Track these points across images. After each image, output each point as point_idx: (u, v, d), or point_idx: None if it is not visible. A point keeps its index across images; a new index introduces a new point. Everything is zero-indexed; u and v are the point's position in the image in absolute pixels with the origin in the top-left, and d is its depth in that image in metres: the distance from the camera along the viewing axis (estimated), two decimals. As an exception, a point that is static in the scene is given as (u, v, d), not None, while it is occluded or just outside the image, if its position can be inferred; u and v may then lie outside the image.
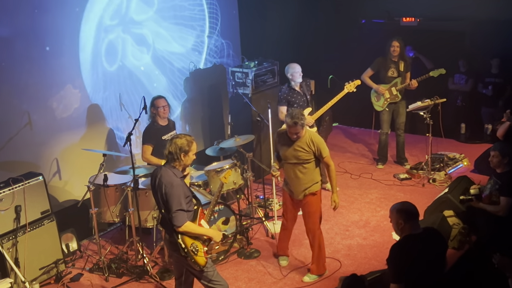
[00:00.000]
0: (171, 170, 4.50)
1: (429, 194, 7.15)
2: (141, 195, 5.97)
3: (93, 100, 6.91)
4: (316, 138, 5.43)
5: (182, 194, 4.43)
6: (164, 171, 4.52)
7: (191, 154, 4.53)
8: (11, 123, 6.12)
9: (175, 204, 4.40)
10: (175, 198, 4.40)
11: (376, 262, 5.90)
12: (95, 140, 6.95)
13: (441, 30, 8.93)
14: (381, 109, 8.00)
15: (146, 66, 7.51)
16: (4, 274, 5.45)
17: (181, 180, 4.50)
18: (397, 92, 7.88)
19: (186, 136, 4.55)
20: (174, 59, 7.89)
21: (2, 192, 5.45)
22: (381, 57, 7.92)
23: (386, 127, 8.12)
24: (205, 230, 4.61)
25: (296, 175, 5.46)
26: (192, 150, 4.52)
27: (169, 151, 4.50)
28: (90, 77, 6.83)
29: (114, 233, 6.86)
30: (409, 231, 4.12)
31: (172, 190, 4.41)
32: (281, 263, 5.97)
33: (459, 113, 9.13)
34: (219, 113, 8.68)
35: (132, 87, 7.35)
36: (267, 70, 8.15)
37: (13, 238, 5.54)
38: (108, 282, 5.83)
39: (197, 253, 4.50)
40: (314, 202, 5.54)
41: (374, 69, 7.93)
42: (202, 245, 4.57)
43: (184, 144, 4.47)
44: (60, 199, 6.66)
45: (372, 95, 8.01)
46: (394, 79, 7.87)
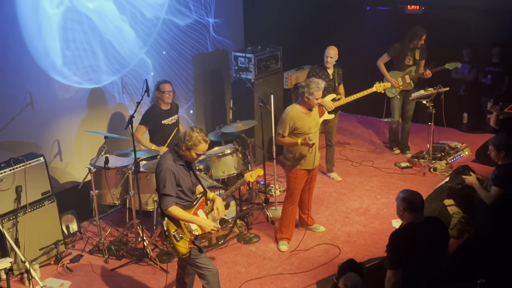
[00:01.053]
0: (172, 154, 4.51)
1: (430, 183, 7.15)
2: (142, 178, 5.97)
3: (95, 83, 6.88)
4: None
5: (169, 179, 4.42)
6: (166, 153, 4.55)
7: (193, 153, 4.47)
8: (13, 103, 6.11)
9: (160, 187, 4.46)
10: (161, 181, 4.44)
11: (375, 249, 5.92)
12: (96, 122, 6.93)
13: (446, 18, 8.88)
14: (393, 96, 7.98)
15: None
16: (4, 253, 5.48)
17: (177, 166, 4.47)
18: (410, 81, 7.86)
19: (201, 134, 4.46)
20: (176, 43, 7.84)
21: (3, 172, 5.45)
22: (399, 44, 7.86)
23: (398, 115, 8.10)
24: (191, 217, 4.55)
25: (316, 143, 5.70)
26: (196, 150, 4.46)
27: (180, 136, 4.50)
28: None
29: (115, 215, 6.87)
30: (411, 219, 4.11)
31: (160, 173, 4.44)
32: (282, 248, 5.99)
33: (461, 102, 9.10)
34: (221, 98, 8.66)
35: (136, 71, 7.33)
36: (270, 55, 8.11)
37: (13, 218, 5.56)
38: (107, 264, 5.86)
39: (179, 240, 4.48)
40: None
41: (391, 55, 7.88)
42: (189, 234, 4.54)
43: (193, 139, 4.42)
44: (61, 180, 6.66)
45: (385, 80, 7.99)
46: (409, 67, 7.85)
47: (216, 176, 6.32)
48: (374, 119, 9.73)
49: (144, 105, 6.57)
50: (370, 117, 9.87)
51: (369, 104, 9.33)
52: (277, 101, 7.85)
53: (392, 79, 7.84)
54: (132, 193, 5.95)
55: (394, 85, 7.84)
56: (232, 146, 6.52)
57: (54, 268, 5.81)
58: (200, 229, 4.60)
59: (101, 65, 6.90)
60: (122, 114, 7.21)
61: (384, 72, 7.87)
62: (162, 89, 6.38)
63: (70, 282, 5.57)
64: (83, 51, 6.67)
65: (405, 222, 4.15)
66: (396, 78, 7.85)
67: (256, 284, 5.46)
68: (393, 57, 7.89)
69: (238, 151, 6.44)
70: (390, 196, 7.01)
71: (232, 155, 6.35)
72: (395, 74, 7.89)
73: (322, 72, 7.11)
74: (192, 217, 4.57)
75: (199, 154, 4.50)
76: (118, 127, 7.11)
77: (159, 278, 5.59)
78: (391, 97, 8.02)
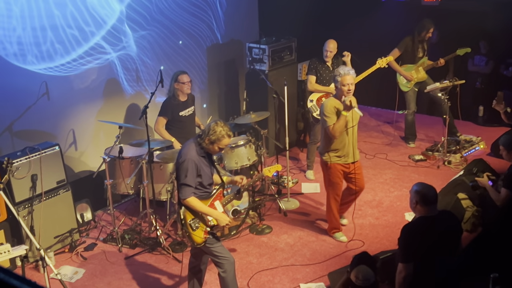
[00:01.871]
0: (195, 144, 4.52)
1: (444, 176, 7.11)
2: (155, 168, 6.01)
3: (110, 73, 6.92)
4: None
5: (191, 170, 4.44)
6: (189, 143, 4.57)
7: (216, 146, 4.48)
8: (29, 92, 6.16)
9: (181, 177, 4.48)
10: (182, 171, 4.46)
11: (388, 242, 5.90)
12: (111, 112, 6.97)
13: (463, 10, 8.77)
14: (408, 89, 7.94)
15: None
16: (19, 241, 5.56)
17: (200, 158, 4.49)
18: (424, 72, 7.86)
19: (225, 128, 4.46)
20: (190, 33, 7.85)
21: (19, 160, 5.52)
22: (409, 37, 7.84)
23: (413, 106, 8.07)
24: (208, 210, 4.57)
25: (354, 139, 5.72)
26: (219, 144, 4.47)
27: (205, 128, 4.53)
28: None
29: (128, 204, 6.93)
30: (423, 213, 4.09)
31: (182, 163, 4.46)
32: (341, 239, 6.02)
33: (477, 95, 9.01)
34: (235, 88, 8.66)
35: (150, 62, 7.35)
36: (284, 47, 8.08)
37: (29, 206, 5.63)
38: (121, 253, 5.91)
39: (195, 230, 4.51)
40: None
41: (401, 49, 7.86)
42: (204, 225, 4.56)
43: (216, 134, 4.43)
44: (76, 169, 6.73)
45: (399, 76, 7.94)
46: (421, 59, 7.84)
47: (229, 167, 6.33)
48: (388, 111, 9.66)
49: (158, 96, 6.58)
50: (385, 109, 9.81)
51: (383, 96, 9.28)
52: (291, 92, 7.83)
53: (407, 73, 7.80)
54: (145, 182, 5.99)
55: (410, 79, 7.81)
56: (245, 137, 6.53)
57: (69, 256, 5.89)
58: (215, 221, 4.63)
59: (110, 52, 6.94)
60: (136, 105, 7.24)
61: (396, 68, 7.84)
62: (181, 80, 6.35)
63: (84, 270, 5.64)
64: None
65: (418, 215, 4.13)
66: (410, 72, 7.81)
67: (268, 275, 5.48)
68: (404, 51, 7.86)
69: (251, 142, 6.44)
70: (404, 189, 6.98)
71: (245, 146, 6.36)
72: (409, 68, 7.86)
73: (322, 65, 7.12)
74: (209, 210, 4.58)
75: (221, 148, 4.53)
76: (133, 117, 7.15)
77: (172, 267, 5.64)
78: (406, 91, 7.98)
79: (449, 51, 7.88)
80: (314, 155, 7.48)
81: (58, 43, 6.29)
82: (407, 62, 7.89)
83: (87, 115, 6.76)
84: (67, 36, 6.37)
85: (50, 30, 6.19)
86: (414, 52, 7.83)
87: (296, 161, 8.01)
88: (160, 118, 6.42)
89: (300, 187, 7.24)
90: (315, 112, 7.12)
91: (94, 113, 6.82)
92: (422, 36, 7.75)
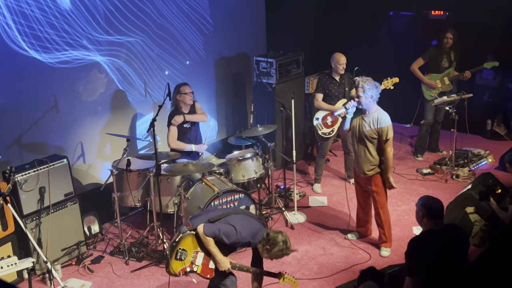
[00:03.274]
0: (256, 238, 4.46)
1: (452, 190, 7.07)
2: (163, 180, 6.02)
3: (118, 86, 6.97)
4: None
5: (230, 233, 4.40)
6: (255, 227, 4.50)
7: (266, 254, 4.48)
8: (38, 106, 6.21)
9: (220, 223, 4.44)
10: (228, 229, 4.40)
11: (395, 256, 5.87)
12: (119, 125, 7.01)
13: (470, 23, 8.78)
14: (431, 98, 7.92)
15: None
16: (27, 253, 5.57)
17: (250, 239, 4.45)
18: (449, 82, 7.86)
19: (287, 247, 4.45)
20: (198, 47, 7.90)
21: (27, 173, 5.55)
22: (433, 47, 7.90)
23: (431, 117, 8.08)
24: (217, 251, 4.51)
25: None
26: (271, 256, 4.48)
27: (269, 236, 4.44)
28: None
29: (135, 217, 6.94)
30: (430, 226, 4.07)
31: (234, 230, 4.40)
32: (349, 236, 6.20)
33: (485, 109, 8.97)
34: (242, 102, 8.69)
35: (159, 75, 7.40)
36: (291, 60, 8.11)
37: (36, 218, 5.65)
38: (128, 266, 5.91)
39: (177, 260, 4.48)
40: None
41: (425, 59, 7.90)
42: (187, 263, 4.52)
43: (276, 249, 4.41)
44: (84, 182, 6.75)
45: (422, 84, 7.95)
46: (446, 69, 7.85)
47: (236, 180, 6.33)
48: (396, 124, 9.62)
49: (166, 108, 6.62)
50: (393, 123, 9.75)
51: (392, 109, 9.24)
52: (298, 105, 7.85)
53: (431, 80, 7.82)
54: (153, 195, 6.00)
55: (433, 86, 7.81)
56: (252, 150, 6.54)
57: (76, 268, 5.89)
58: (202, 270, 4.57)
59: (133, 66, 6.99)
60: (144, 117, 7.28)
61: (419, 76, 7.86)
62: (183, 91, 6.46)
63: (91, 283, 5.64)
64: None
65: (424, 229, 4.11)
66: (435, 81, 7.82)
67: (274, 289, 5.45)
68: (428, 60, 7.88)
69: (258, 155, 6.45)
70: (411, 202, 6.94)
71: (252, 159, 6.37)
72: (433, 77, 7.87)
73: (330, 81, 7.13)
74: (217, 251, 4.52)
75: (270, 259, 4.53)
76: (140, 130, 7.19)
77: (178, 281, 5.62)
78: (429, 100, 7.95)
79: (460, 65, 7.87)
80: (322, 168, 7.48)
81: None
82: (432, 71, 7.91)
83: (95, 128, 6.80)
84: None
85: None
86: (438, 62, 7.84)
87: (303, 174, 8.00)
88: (171, 131, 6.46)
89: (307, 200, 7.23)
90: (320, 130, 7.14)
91: (102, 126, 6.86)
92: (442, 44, 7.77)
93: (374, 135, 5.66)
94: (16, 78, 5.96)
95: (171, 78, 7.47)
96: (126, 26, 6.87)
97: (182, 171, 5.93)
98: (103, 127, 6.87)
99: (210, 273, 4.59)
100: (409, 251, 4.02)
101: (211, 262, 4.59)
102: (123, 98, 7.06)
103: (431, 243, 4.00)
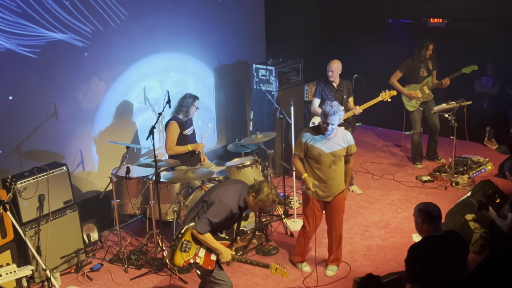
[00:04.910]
0: (241, 195, 4.51)
1: (452, 197, 7.07)
2: (162, 188, 6.02)
3: (117, 93, 6.98)
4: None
5: (222, 214, 4.43)
6: (237, 188, 4.56)
7: (257, 206, 4.52)
8: (38, 113, 6.22)
9: (210, 213, 4.45)
10: (215, 210, 4.44)
11: (395, 264, 5.86)
12: (118, 132, 7.02)
13: (469, 31, 8.81)
14: (414, 109, 7.96)
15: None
16: (26, 261, 5.56)
17: (237, 207, 4.49)
18: (429, 91, 7.89)
19: (274, 193, 4.49)
20: (198, 54, 7.92)
21: (27, 181, 5.55)
22: (410, 58, 7.92)
23: (419, 126, 8.10)
24: (218, 245, 4.56)
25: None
26: (261, 205, 4.52)
27: (255, 184, 4.54)
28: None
29: (135, 225, 6.93)
30: (429, 232, 4.08)
31: (220, 203, 4.44)
32: (305, 269, 5.86)
33: (485, 116, 8.99)
34: (242, 109, 8.70)
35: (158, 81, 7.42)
36: (291, 68, 8.13)
37: (36, 226, 5.64)
38: (127, 273, 5.90)
39: (182, 251, 4.49)
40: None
41: (403, 71, 7.93)
42: (191, 255, 4.54)
43: (264, 194, 4.45)
44: (83, 189, 6.75)
45: (403, 95, 7.97)
46: (425, 78, 7.88)
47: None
48: (395, 132, 9.68)
49: (166, 116, 6.62)
50: (392, 130, 9.82)
51: (390, 116, 9.28)
52: (297, 113, 7.85)
53: (411, 91, 7.85)
54: (152, 203, 6.00)
55: (413, 97, 7.84)
56: (252, 157, 6.54)
57: (75, 276, 5.87)
58: (204, 261, 4.59)
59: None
60: (144, 125, 7.28)
61: (399, 88, 7.87)
62: (196, 105, 6.58)
63: (90, 291, 5.64)
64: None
65: (424, 236, 4.12)
66: (415, 91, 7.85)
67: (274, 297, 5.44)
68: (406, 72, 7.93)
69: (258, 163, 6.45)
70: (411, 210, 6.83)
71: (251, 166, 6.36)
72: (413, 87, 7.91)
73: (328, 86, 7.16)
74: (219, 245, 4.56)
75: (262, 209, 4.59)
76: (140, 137, 7.19)
77: None
78: (411, 111, 8.00)
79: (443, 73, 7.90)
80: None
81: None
82: (411, 82, 7.95)
83: (95, 136, 6.81)
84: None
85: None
86: (417, 72, 7.88)
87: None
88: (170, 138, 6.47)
89: (307, 207, 7.21)
90: None
91: (101, 134, 6.86)
92: (422, 55, 7.80)
93: (345, 152, 5.43)
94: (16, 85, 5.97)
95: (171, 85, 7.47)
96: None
97: (181, 178, 5.93)
98: (102, 134, 6.87)
99: (211, 264, 4.62)
100: (409, 257, 4.03)
101: (212, 254, 4.61)
102: (123, 105, 7.07)
103: (431, 250, 4.01)
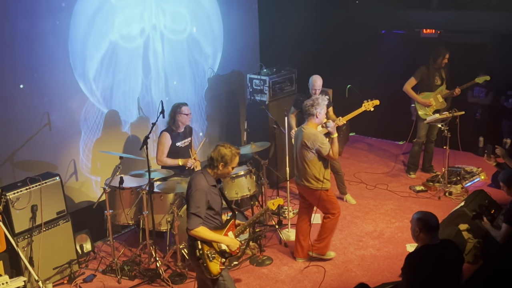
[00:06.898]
0: (204, 175, 4.52)
1: (445, 207, 7.09)
2: (156, 198, 6.01)
3: (111, 103, 6.97)
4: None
5: (202, 200, 4.43)
6: (198, 174, 4.56)
7: (230, 167, 4.52)
8: (31, 123, 6.20)
9: (191, 207, 4.44)
10: (194, 201, 4.43)
11: (389, 274, 5.85)
12: (112, 142, 7.00)
13: (462, 42, 8.87)
14: (426, 116, 7.96)
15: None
16: (18, 272, 5.52)
17: (210, 187, 4.49)
18: (442, 100, 7.92)
19: (232, 148, 4.52)
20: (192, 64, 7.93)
21: (19, 191, 5.52)
22: (424, 66, 7.93)
23: (423, 136, 8.11)
24: (218, 237, 4.54)
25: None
26: (232, 164, 4.52)
27: (211, 157, 4.52)
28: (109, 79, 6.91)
29: (128, 235, 6.89)
30: (426, 241, 4.10)
31: (194, 193, 4.44)
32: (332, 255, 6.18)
33: (477, 126, 9.04)
34: (236, 119, 8.71)
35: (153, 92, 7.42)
36: (285, 78, 8.16)
37: (28, 237, 5.60)
38: (120, 284, 5.86)
39: (212, 260, 4.47)
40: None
41: (417, 78, 7.94)
42: (219, 256, 4.54)
43: (228, 156, 4.47)
44: (76, 200, 6.72)
45: (417, 103, 7.99)
46: (439, 87, 7.91)
47: (230, 197, 6.32)
48: (389, 142, 9.71)
49: (160, 126, 6.62)
50: (385, 140, 9.85)
51: (384, 127, 9.33)
52: (292, 123, 7.86)
53: (425, 100, 7.85)
54: (145, 213, 5.98)
55: (427, 104, 7.85)
56: (245, 167, 6.54)
57: (68, 287, 5.83)
58: (227, 247, 4.59)
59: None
60: (137, 135, 7.27)
61: (413, 95, 7.90)
62: (184, 112, 6.44)
63: (83, 302, 5.59)
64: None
65: (421, 244, 4.13)
66: (429, 99, 7.86)
67: (268, 307, 5.42)
68: (421, 79, 7.93)
69: (252, 173, 6.45)
70: (405, 220, 6.95)
71: (245, 176, 6.36)
72: (427, 96, 7.91)
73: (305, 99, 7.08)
74: (219, 237, 4.55)
75: (234, 167, 4.57)
76: (133, 147, 7.17)
77: (171, 299, 5.58)
78: (423, 118, 7.99)
79: (450, 83, 7.94)
80: None
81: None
82: (425, 90, 7.95)
83: (88, 146, 6.79)
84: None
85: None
86: (431, 80, 7.89)
87: (296, 192, 7.98)
88: (161, 149, 6.44)
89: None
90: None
91: (94, 144, 6.84)
92: (438, 63, 7.81)
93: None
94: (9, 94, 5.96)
95: (164, 96, 7.48)
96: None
97: (175, 188, 5.92)
98: (95, 144, 6.85)
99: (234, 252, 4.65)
100: (406, 266, 4.04)
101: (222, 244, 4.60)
102: (116, 115, 7.06)
103: (427, 258, 4.03)
